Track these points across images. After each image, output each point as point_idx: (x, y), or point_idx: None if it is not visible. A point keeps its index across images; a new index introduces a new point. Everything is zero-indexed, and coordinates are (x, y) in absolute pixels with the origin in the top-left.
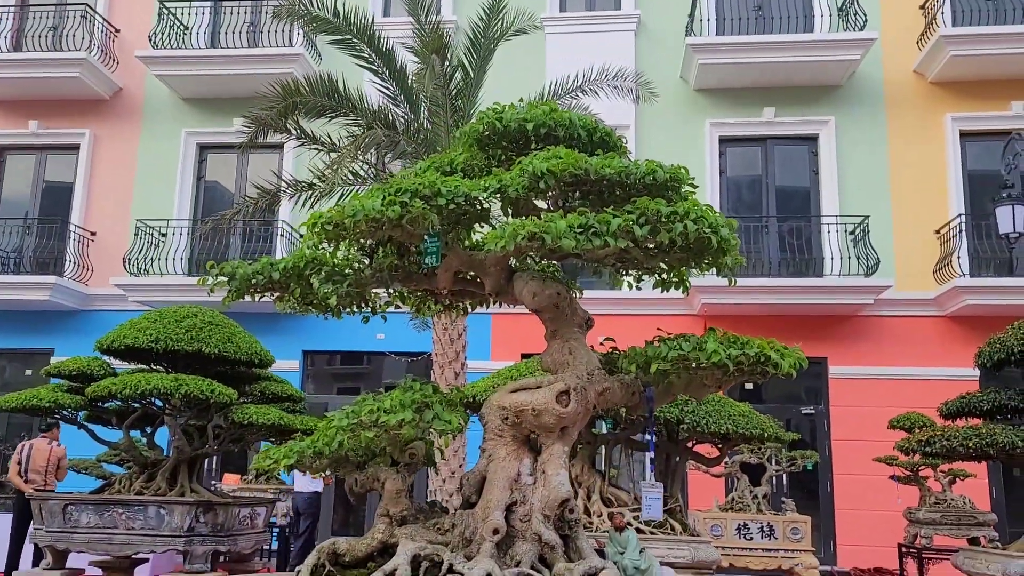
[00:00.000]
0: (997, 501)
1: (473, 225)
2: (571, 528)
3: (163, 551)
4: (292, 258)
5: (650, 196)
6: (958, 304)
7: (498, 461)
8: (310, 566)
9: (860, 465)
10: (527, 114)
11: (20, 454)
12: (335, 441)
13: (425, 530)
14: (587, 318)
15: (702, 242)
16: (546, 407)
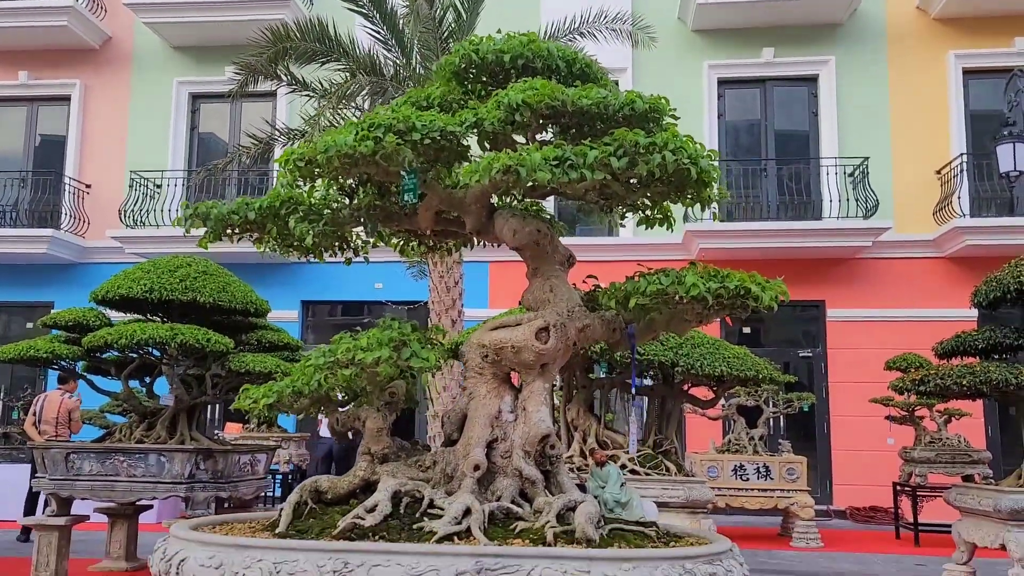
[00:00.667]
0: (992, 439)
1: (453, 162)
2: (552, 464)
3: (164, 498)
4: (268, 197)
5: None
6: (958, 245)
7: (479, 399)
8: (292, 503)
9: (856, 406)
10: (504, 45)
11: (35, 406)
12: (313, 380)
13: (407, 467)
14: (568, 255)
15: (682, 174)
16: (525, 344)
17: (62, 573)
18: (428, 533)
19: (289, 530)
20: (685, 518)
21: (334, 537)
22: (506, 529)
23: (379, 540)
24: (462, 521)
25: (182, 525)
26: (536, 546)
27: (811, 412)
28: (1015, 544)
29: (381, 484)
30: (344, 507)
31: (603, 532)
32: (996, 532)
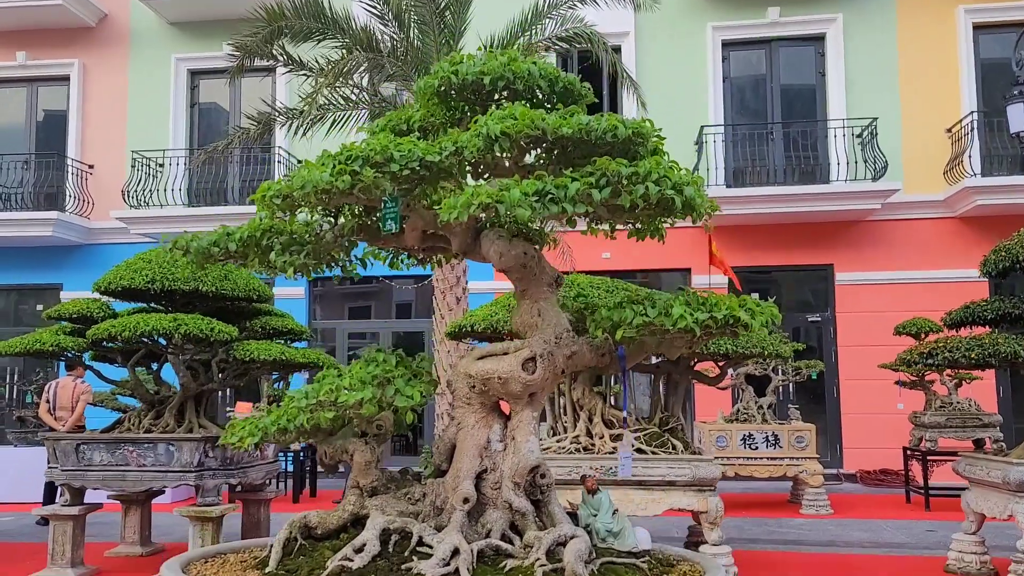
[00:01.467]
0: (1004, 400)
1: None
2: (543, 492)
3: (175, 486)
4: (248, 227)
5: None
6: (968, 205)
7: (467, 429)
8: (282, 540)
9: (866, 370)
10: (484, 67)
11: (48, 392)
12: (296, 420)
13: (396, 500)
14: (556, 276)
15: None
16: (512, 375)
17: (78, 561)
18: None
19: (279, 569)
20: (692, 496)
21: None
22: (495, 568)
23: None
24: (450, 562)
25: (173, 565)
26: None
27: (820, 376)
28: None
29: (370, 522)
30: (335, 542)
31: (594, 568)
32: (1005, 503)
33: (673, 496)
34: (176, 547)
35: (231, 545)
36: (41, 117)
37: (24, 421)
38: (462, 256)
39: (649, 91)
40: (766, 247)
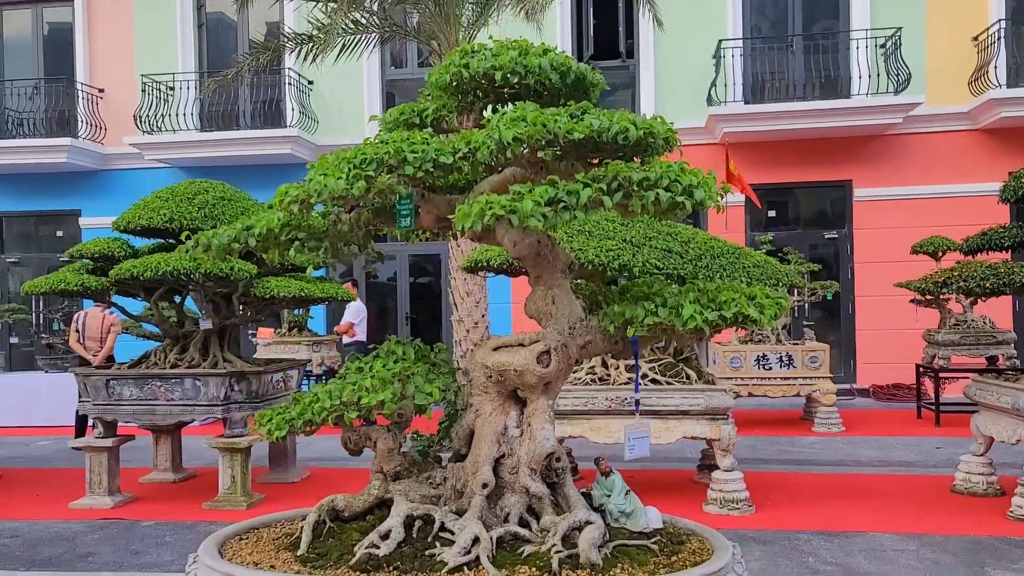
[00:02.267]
0: (1019, 314)
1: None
2: (558, 476)
3: (203, 419)
4: (266, 222)
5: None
6: (993, 117)
7: (484, 416)
8: (311, 523)
9: (882, 287)
10: (496, 60)
11: (77, 323)
12: (321, 416)
13: (418, 484)
14: (569, 262)
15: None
16: (527, 368)
17: (115, 489)
18: (440, 564)
19: (309, 552)
20: (705, 424)
21: (350, 568)
22: (514, 554)
23: (393, 572)
24: (471, 550)
25: (210, 548)
26: (542, 573)
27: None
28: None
29: (394, 508)
30: (361, 523)
31: (607, 552)
32: (1014, 428)
33: (687, 425)
34: (206, 472)
35: (264, 519)
36: (47, 40)
37: (53, 348)
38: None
39: (665, 5)
40: (784, 163)
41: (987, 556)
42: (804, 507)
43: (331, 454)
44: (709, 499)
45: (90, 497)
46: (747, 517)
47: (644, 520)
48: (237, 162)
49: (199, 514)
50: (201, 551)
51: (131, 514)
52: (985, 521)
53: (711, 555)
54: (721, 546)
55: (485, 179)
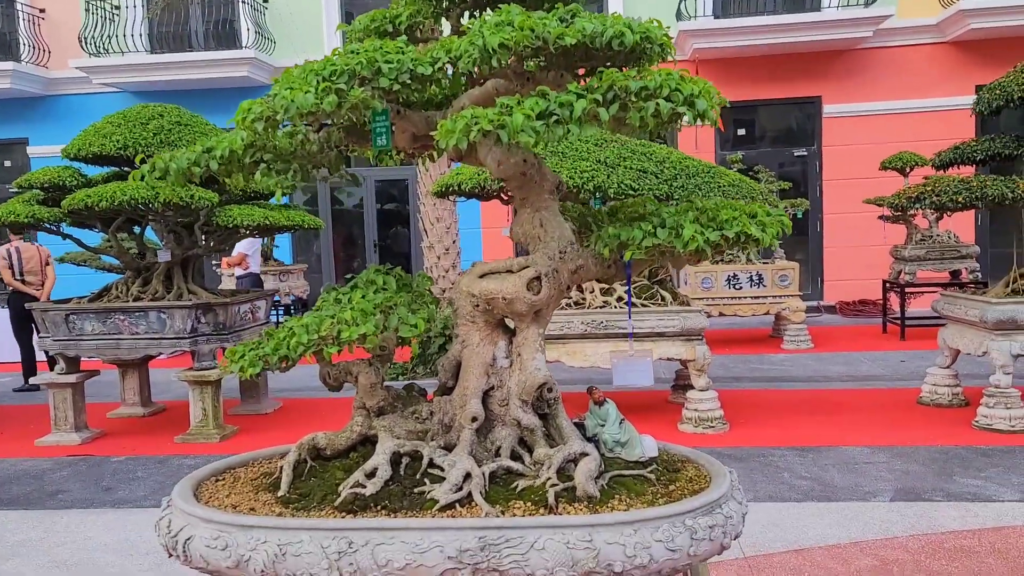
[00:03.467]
0: (981, 228)
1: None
2: (550, 406)
3: (171, 352)
4: (228, 143)
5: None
6: (962, 29)
7: (472, 347)
8: (291, 463)
9: (850, 204)
10: None
11: (9, 258)
12: (297, 352)
13: (404, 419)
14: (558, 183)
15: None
16: (516, 295)
17: (81, 425)
18: (430, 501)
19: (291, 493)
20: (681, 345)
21: (335, 508)
22: (507, 488)
23: (381, 511)
24: (463, 486)
25: (185, 491)
26: (538, 508)
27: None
28: (998, 352)
29: (379, 445)
30: (344, 461)
31: (603, 483)
32: (980, 340)
33: (662, 346)
34: (177, 405)
35: (240, 458)
36: None
37: None
38: (458, 160)
39: None
40: (753, 80)
41: (955, 465)
42: (777, 424)
43: (304, 383)
44: (684, 418)
45: (56, 434)
46: (722, 435)
47: (639, 449)
48: (191, 86)
49: (171, 448)
50: (175, 494)
51: (100, 450)
52: (952, 431)
53: (708, 482)
54: (718, 472)
55: (465, 93)
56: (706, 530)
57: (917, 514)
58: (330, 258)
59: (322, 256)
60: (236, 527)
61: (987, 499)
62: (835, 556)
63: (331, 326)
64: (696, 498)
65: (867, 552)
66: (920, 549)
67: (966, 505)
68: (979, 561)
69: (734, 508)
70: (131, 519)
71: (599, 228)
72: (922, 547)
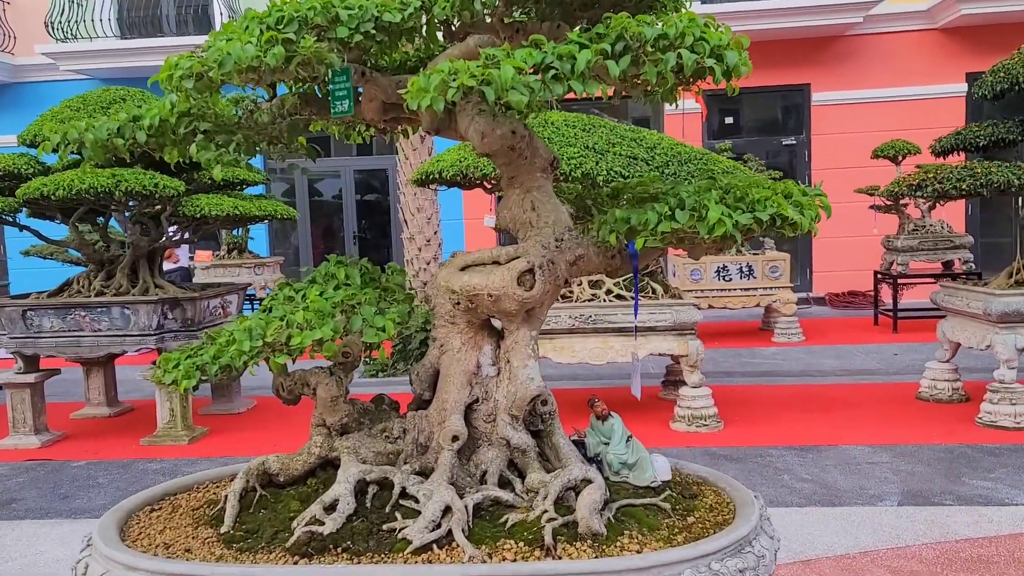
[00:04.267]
0: (972, 218)
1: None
2: (545, 422)
3: (136, 350)
4: (158, 110)
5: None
6: (953, 15)
7: (452, 353)
8: (237, 492)
9: (841, 194)
10: None
11: None
12: (239, 361)
13: (371, 439)
14: (552, 159)
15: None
16: (505, 292)
17: (41, 427)
18: (402, 542)
19: (236, 529)
20: (673, 340)
21: (287, 551)
22: (495, 524)
23: (342, 555)
24: (441, 523)
25: (108, 527)
26: (532, 549)
27: None
28: (1003, 346)
29: (341, 472)
30: (301, 489)
31: (610, 516)
32: (983, 334)
33: (653, 341)
34: (145, 405)
35: (183, 482)
36: None
37: None
38: (435, 133)
39: None
40: None
41: (962, 465)
42: (772, 421)
43: None
44: (676, 416)
45: (14, 437)
46: (716, 434)
47: (651, 472)
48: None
49: (137, 451)
50: (96, 532)
51: (61, 454)
52: (955, 429)
53: (732, 512)
54: (744, 500)
55: (443, 52)
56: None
57: (928, 520)
58: (308, 250)
59: (300, 248)
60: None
61: (1000, 503)
62: (846, 568)
63: (279, 330)
64: (722, 535)
65: (879, 563)
66: (935, 559)
67: (979, 510)
68: (999, 572)
69: (766, 545)
70: (87, 531)
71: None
72: (937, 557)
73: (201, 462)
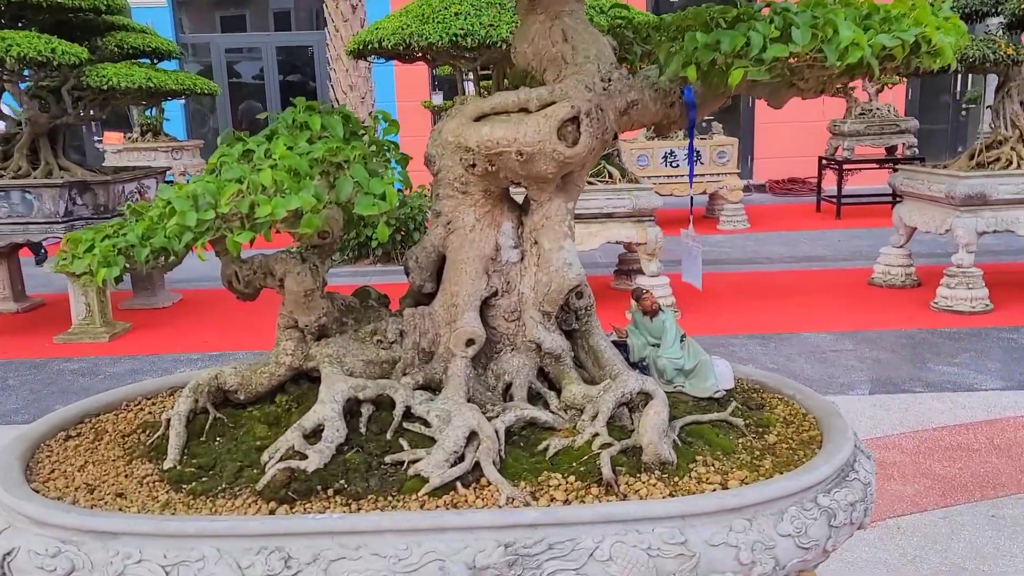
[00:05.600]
0: (912, 103)
1: None
2: (579, 319)
3: (42, 239)
4: None
5: None
6: None
7: (463, 232)
8: (183, 415)
9: None
10: None
11: None
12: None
13: (358, 344)
14: None
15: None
16: (541, 148)
17: None
18: (414, 480)
19: (184, 465)
20: (631, 227)
21: (259, 495)
22: (532, 453)
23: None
24: (465, 453)
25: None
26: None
27: None
28: (963, 229)
29: (324, 387)
30: (268, 408)
31: (675, 436)
32: (943, 217)
33: (611, 229)
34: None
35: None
36: None
37: None
38: None
39: None
40: None
41: (925, 351)
42: (728, 309)
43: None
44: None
45: None
46: None
47: (712, 379)
48: None
49: (50, 350)
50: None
51: None
52: (911, 314)
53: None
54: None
55: None
56: (846, 510)
57: (902, 408)
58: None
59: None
60: (90, 534)
61: (969, 388)
62: None
63: (237, 197)
64: (820, 460)
65: None
66: (915, 448)
67: (951, 396)
68: (981, 460)
69: (867, 468)
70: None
71: (660, 40)
72: (917, 446)
73: (124, 359)
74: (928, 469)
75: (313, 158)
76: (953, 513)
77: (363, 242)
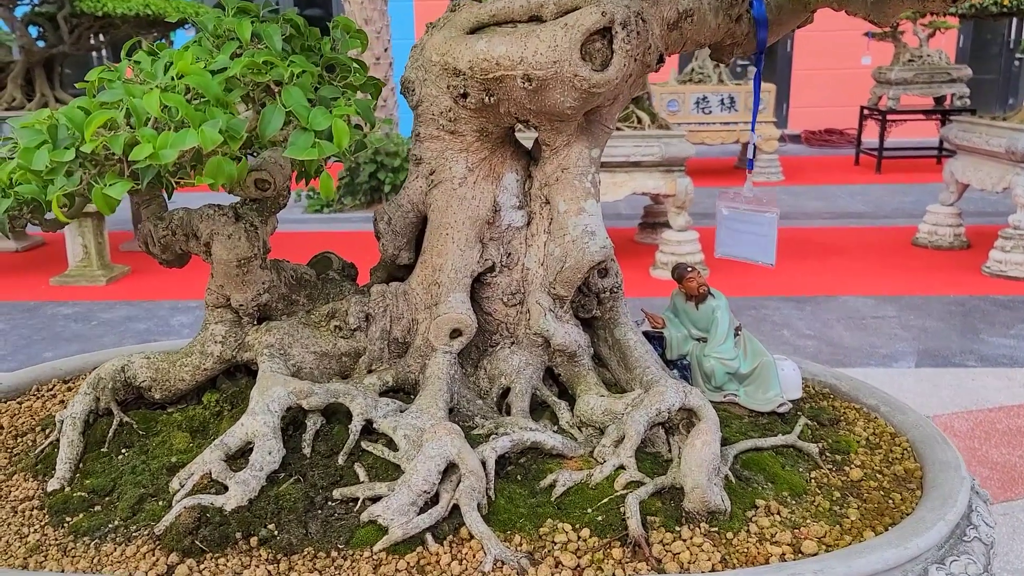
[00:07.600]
0: (963, 50)
1: None
2: (602, 302)
3: None
4: None
5: None
6: None
7: (450, 185)
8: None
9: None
10: None
11: None
12: (30, 191)
13: (310, 329)
14: None
15: None
16: (558, 71)
17: None
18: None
19: (73, 487)
20: (659, 178)
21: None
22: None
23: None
24: (440, 491)
25: None
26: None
27: None
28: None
29: (258, 390)
30: (190, 411)
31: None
32: (1001, 174)
33: (637, 179)
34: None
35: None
36: None
37: None
38: None
39: None
40: None
41: (976, 320)
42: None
43: None
44: (658, 263)
45: None
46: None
47: (775, 388)
48: None
49: (45, 292)
50: None
51: None
52: (961, 279)
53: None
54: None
55: None
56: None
57: (952, 384)
58: None
59: None
60: None
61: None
62: None
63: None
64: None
65: None
66: (969, 432)
67: (1007, 372)
68: None
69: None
70: None
71: None
72: (971, 429)
73: (120, 305)
74: (985, 456)
75: (230, 77)
76: (1015, 509)
77: (375, 185)
